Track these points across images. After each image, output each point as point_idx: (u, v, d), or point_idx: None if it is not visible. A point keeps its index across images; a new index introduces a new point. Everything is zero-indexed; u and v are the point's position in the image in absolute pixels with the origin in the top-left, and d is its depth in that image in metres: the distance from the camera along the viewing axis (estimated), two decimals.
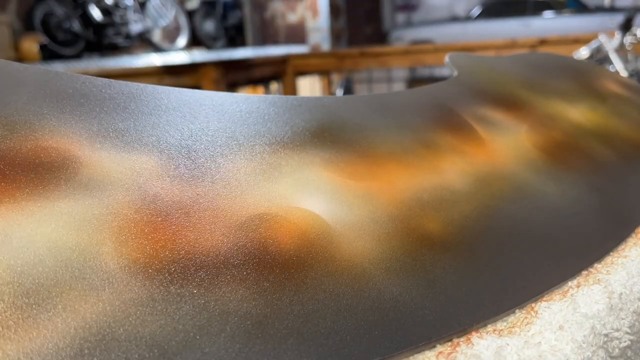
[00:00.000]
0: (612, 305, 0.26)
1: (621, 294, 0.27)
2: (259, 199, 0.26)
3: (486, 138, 0.39)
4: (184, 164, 0.27)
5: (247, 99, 0.34)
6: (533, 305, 0.26)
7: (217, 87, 2.07)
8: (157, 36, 4.20)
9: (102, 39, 3.73)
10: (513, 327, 0.24)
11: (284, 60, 2.78)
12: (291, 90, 2.78)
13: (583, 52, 1.54)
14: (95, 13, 3.65)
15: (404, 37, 4.62)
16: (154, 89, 0.31)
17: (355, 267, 0.25)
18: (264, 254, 0.24)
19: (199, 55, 3.14)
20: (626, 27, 1.53)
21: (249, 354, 0.20)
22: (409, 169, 0.33)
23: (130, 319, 0.20)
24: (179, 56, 2.88)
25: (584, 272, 0.29)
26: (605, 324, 0.25)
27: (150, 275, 0.21)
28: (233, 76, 2.29)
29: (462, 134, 0.38)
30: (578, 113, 0.47)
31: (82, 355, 0.18)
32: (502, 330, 0.24)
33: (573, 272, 0.29)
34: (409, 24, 5.30)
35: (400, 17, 5.61)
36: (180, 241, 0.23)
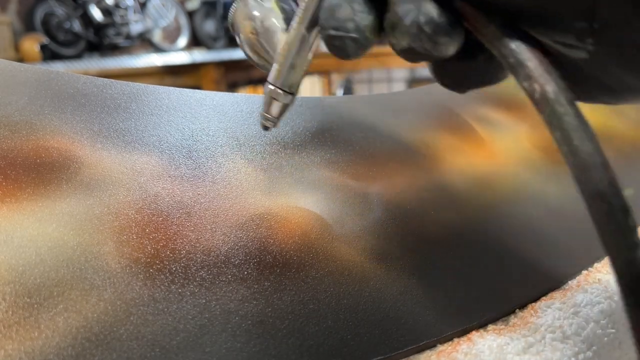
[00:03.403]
0: (612, 305, 0.26)
1: None
2: (259, 198, 0.27)
3: (486, 138, 0.39)
4: (185, 164, 0.27)
5: (248, 99, 0.34)
6: (533, 305, 0.26)
7: (218, 87, 2.07)
8: (157, 36, 4.20)
9: (102, 39, 3.73)
10: (513, 326, 0.24)
11: None
12: None
13: None
14: (96, 13, 3.65)
15: None
16: (154, 89, 0.31)
17: (355, 267, 0.25)
18: (264, 253, 0.24)
19: (199, 55, 3.14)
20: None
21: (250, 353, 0.20)
22: (409, 169, 0.33)
23: (132, 318, 0.20)
24: (179, 56, 2.88)
25: (584, 272, 0.29)
26: (606, 324, 0.25)
27: (152, 275, 0.21)
28: (233, 76, 2.29)
29: (462, 134, 0.38)
30: None
31: (83, 355, 0.18)
32: (502, 329, 0.24)
33: (573, 272, 0.29)
34: None
35: None
36: (181, 241, 0.23)
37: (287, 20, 0.24)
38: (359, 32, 0.19)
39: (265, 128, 0.25)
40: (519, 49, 0.16)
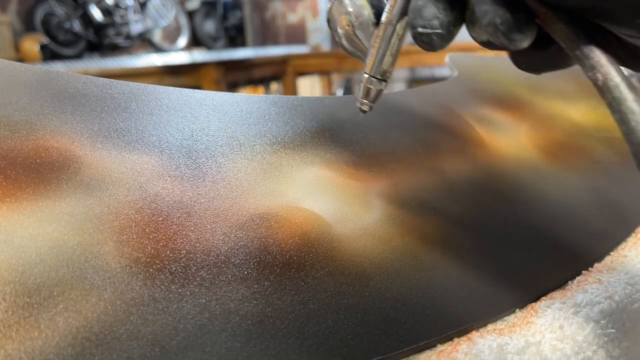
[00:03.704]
0: (612, 305, 0.26)
1: (621, 293, 0.27)
2: (259, 198, 0.27)
3: (486, 138, 0.39)
4: (185, 164, 0.27)
5: (248, 98, 0.34)
6: (533, 304, 0.26)
7: (218, 87, 2.07)
8: (157, 36, 4.20)
9: (102, 39, 3.74)
10: (513, 326, 0.24)
11: (284, 60, 2.78)
12: (291, 90, 2.77)
13: None
14: (96, 13, 3.65)
15: None
16: (154, 89, 0.31)
17: (355, 267, 0.25)
18: (264, 253, 0.24)
19: (199, 55, 3.14)
20: None
21: (250, 353, 0.20)
22: (409, 168, 0.33)
23: (132, 318, 0.20)
24: (179, 56, 2.88)
25: (584, 272, 0.29)
26: (606, 324, 0.25)
27: (152, 275, 0.21)
28: (233, 76, 2.29)
29: (462, 134, 0.38)
30: (578, 113, 0.47)
31: (83, 355, 0.18)
32: (502, 329, 0.24)
33: (573, 272, 0.29)
34: None
35: None
36: (181, 241, 0.23)
37: (377, 14, 0.27)
38: (444, 27, 0.21)
39: (363, 112, 0.28)
40: (585, 44, 0.19)
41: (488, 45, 0.21)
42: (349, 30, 0.27)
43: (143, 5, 3.97)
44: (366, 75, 0.27)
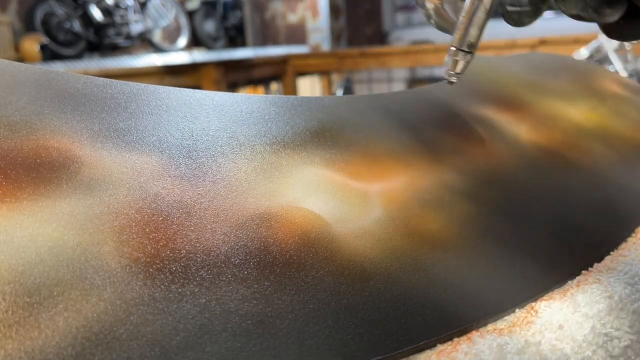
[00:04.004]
0: (612, 305, 0.26)
1: (621, 293, 0.27)
2: (259, 198, 0.27)
3: (486, 138, 0.39)
4: (185, 164, 0.27)
5: (248, 98, 0.34)
6: (533, 304, 0.26)
7: (218, 87, 2.07)
8: (157, 36, 4.20)
9: (102, 39, 3.73)
10: (513, 326, 0.24)
11: (284, 60, 2.78)
12: (291, 90, 2.78)
13: (583, 52, 1.55)
14: (96, 13, 3.65)
15: (404, 37, 4.61)
16: (154, 89, 0.31)
17: (355, 267, 0.25)
18: (264, 253, 0.24)
19: (200, 55, 3.14)
20: None
21: (250, 353, 0.20)
22: (409, 168, 0.33)
23: (132, 318, 0.20)
24: (179, 56, 2.88)
25: (584, 272, 0.29)
26: (606, 324, 0.25)
27: (152, 275, 0.21)
28: (233, 76, 2.29)
29: (462, 134, 0.38)
30: (578, 113, 0.47)
31: (83, 354, 0.18)
32: (502, 329, 0.24)
33: (573, 272, 0.29)
34: (409, 24, 5.29)
35: (400, 17, 5.60)
36: (181, 240, 0.23)
37: None
38: (532, 5, 0.22)
39: (451, 83, 0.30)
40: None
41: (577, 18, 0.22)
42: (437, 5, 0.29)
43: (143, 5, 3.96)
44: (453, 48, 0.28)
